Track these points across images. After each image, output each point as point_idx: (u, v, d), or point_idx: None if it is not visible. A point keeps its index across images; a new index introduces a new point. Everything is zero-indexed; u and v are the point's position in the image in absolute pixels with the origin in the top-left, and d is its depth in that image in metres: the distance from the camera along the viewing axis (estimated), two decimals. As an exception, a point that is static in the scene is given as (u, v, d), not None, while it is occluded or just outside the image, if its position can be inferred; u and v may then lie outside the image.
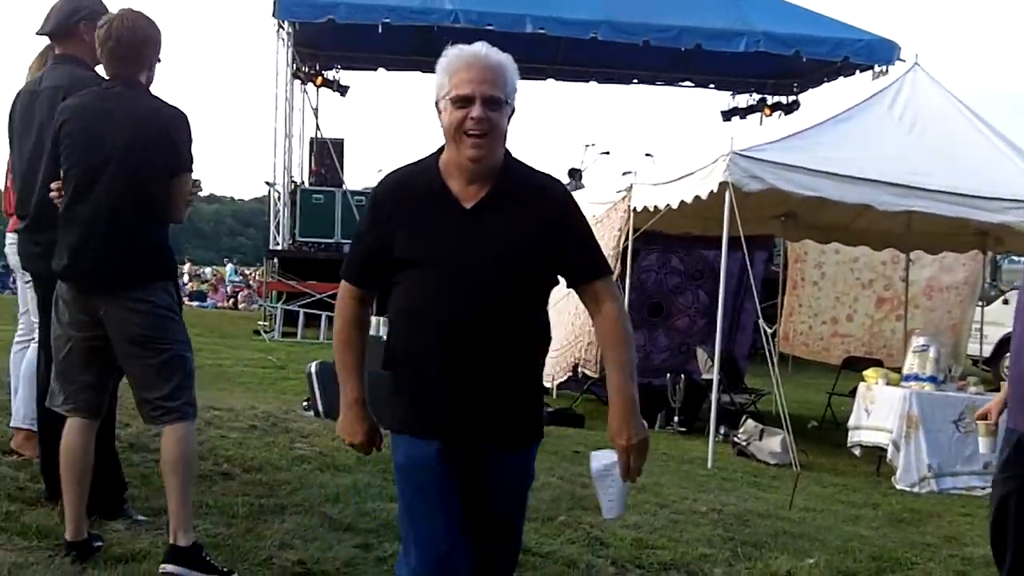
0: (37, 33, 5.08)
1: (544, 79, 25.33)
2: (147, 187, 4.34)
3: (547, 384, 12.45)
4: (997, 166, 10.09)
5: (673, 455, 9.47)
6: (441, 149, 3.15)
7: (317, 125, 23.18)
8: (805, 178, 8.99)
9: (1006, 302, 19.89)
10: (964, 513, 8.06)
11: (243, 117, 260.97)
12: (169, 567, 4.24)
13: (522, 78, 3.19)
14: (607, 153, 20.82)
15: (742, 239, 9.33)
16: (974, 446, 8.99)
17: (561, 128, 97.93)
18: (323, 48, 23.50)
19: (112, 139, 4.30)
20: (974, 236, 12.32)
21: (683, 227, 12.45)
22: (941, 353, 9.64)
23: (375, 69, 25.88)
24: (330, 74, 24.72)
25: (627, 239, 11.24)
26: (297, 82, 22.76)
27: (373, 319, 9.57)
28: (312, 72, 23.85)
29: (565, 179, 20.68)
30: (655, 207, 10.59)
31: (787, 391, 9.30)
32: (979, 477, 9.13)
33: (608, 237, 11.45)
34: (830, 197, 9.10)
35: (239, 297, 33.40)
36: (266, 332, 20.07)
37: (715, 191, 9.16)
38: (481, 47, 3.12)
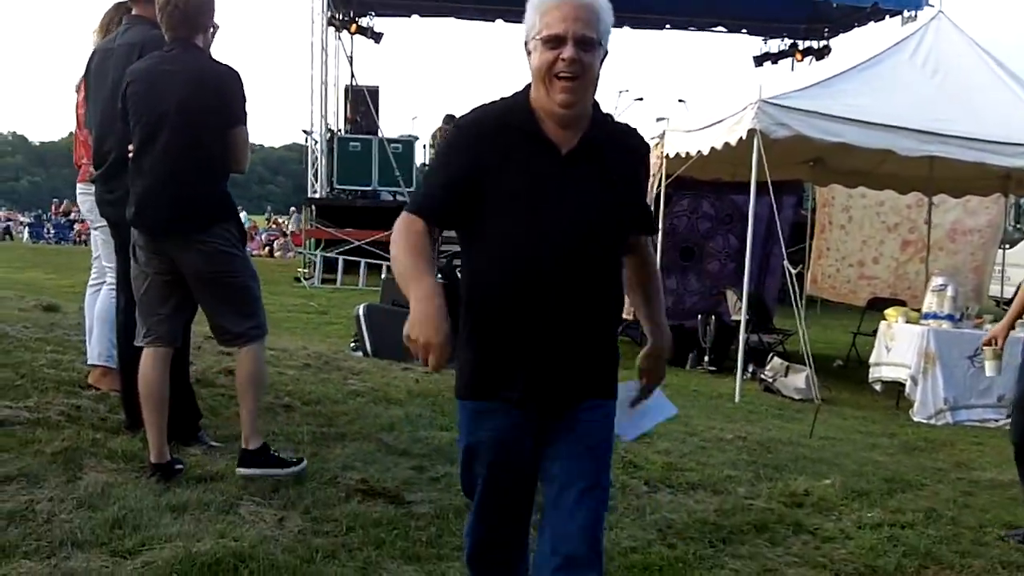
0: None
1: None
2: (203, 140, 4.83)
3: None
4: (1017, 112, 10.42)
5: (703, 391, 9.98)
6: (527, 88, 3.01)
7: (352, 73, 23.56)
8: (830, 124, 9.35)
9: (1030, 244, 20.24)
10: (976, 442, 8.52)
11: (272, 65, 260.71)
12: (244, 470, 4.86)
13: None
14: (640, 99, 21.17)
15: (769, 185, 9.71)
16: (988, 380, 9.49)
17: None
18: (357, -7, 23.90)
19: (170, 98, 4.79)
20: (997, 180, 12.62)
21: (714, 173, 12.85)
22: (959, 292, 10.06)
23: (409, 15, 26.19)
24: (364, 21, 25.04)
25: (660, 185, 11.65)
26: (331, 29, 23.11)
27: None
28: (347, 19, 24.16)
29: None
30: (687, 153, 10.98)
31: (815, 332, 9.75)
32: (993, 410, 9.61)
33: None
34: (854, 143, 9.47)
35: (275, 245, 34.01)
36: (306, 279, 20.60)
37: (744, 138, 9.55)
38: None
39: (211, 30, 5.06)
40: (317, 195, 22.33)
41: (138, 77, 4.93)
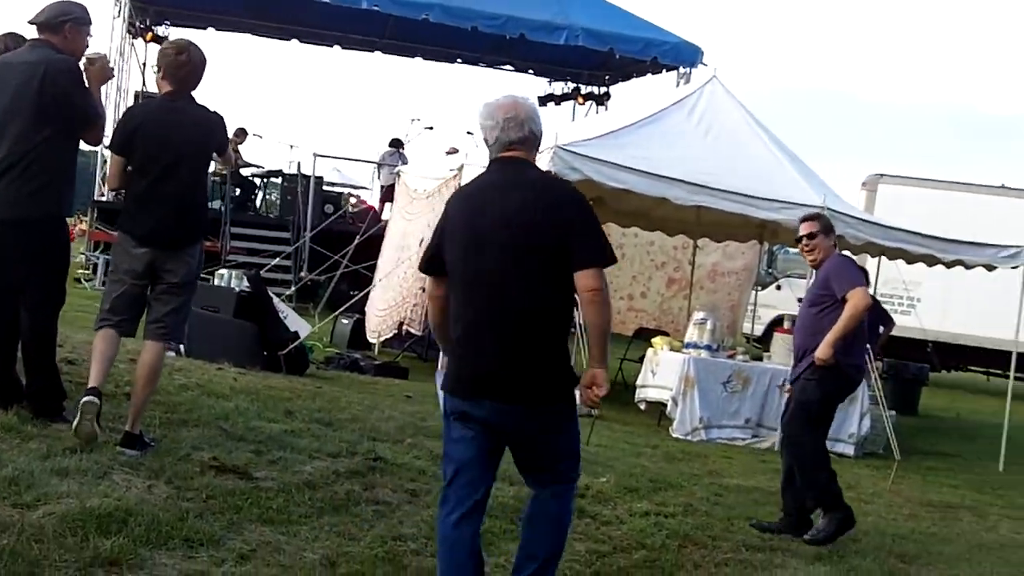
0: (29, 22, 6.10)
1: (372, 51, 26.33)
2: (204, 172, 6.38)
3: (372, 340, 13.76)
4: (775, 171, 11.91)
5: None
6: None
7: (143, 81, 23.59)
8: (616, 172, 10.47)
9: (779, 288, 22.29)
10: (726, 456, 9.82)
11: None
12: (128, 451, 5.59)
13: (351, 49, 4.25)
14: (431, 128, 22.11)
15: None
16: (738, 404, 10.88)
17: (387, 101, 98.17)
18: (154, 2, 23.94)
19: (187, 141, 5.98)
20: (754, 228, 14.17)
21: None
22: (717, 326, 11.43)
23: (204, 28, 26.31)
24: (160, 30, 25.07)
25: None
26: (129, 36, 23.15)
27: (226, 272, 10.70)
28: (143, 27, 24.20)
29: (387, 148, 21.92)
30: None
31: (586, 356, 10.79)
32: (740, 429, 10.99)
33: (437, 211, 12.58)
34: (635, 189, 10.64)
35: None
36: (87, 280, 20.51)
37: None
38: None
39: None
40: (104, 198, 22.22)
41: (150, 119, 6.04)
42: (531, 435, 4.27)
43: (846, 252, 7.14)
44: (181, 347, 10.12)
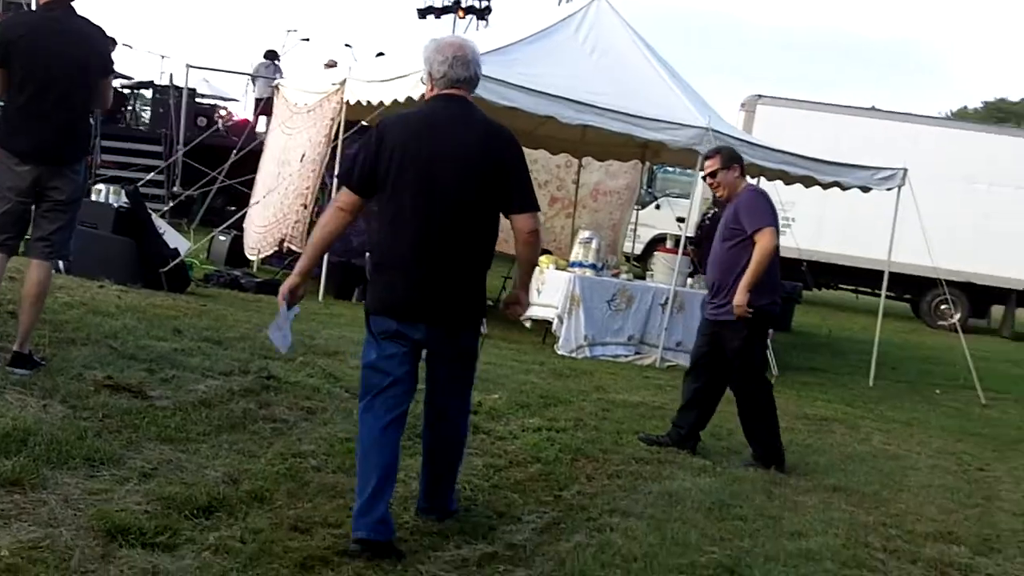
0: None
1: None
2: (89, 89, 5.97)
3: (252, 257, 13.57)
4: (660, 92, 12.05)
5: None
6: None
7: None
8: (506, 90, 10.41)
9: (658, 207, 22.66)
10: (611, 373, 10.03)
11: None
12: (17, 370, 5.49)
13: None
14: (307, 40, 21.66)
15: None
16: (621, 321, 11.08)
17: (262, 11, 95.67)
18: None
19: (67, 55, 5.78)
20: (637, 148, 14.34)
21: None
22: (602, 245, 11.57)
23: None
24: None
25: (339, 130, 12.42)
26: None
27: (103, 186, 10.43)
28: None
29: (262, 60, 21.42)
30: (368, 102, 11.81)
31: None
32: (623, 347, 11.21)
33: (320, 126, 12.61)
34: (523, 108, 10.62)
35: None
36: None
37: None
38: None
39: None
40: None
41: (26, 32, 5.78)
42: (451, 356, 4.56)
43: (758, 184, 7.20)
44: (61, 264, 9.93)
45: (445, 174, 4.36)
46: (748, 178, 7.23)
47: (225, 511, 4.25)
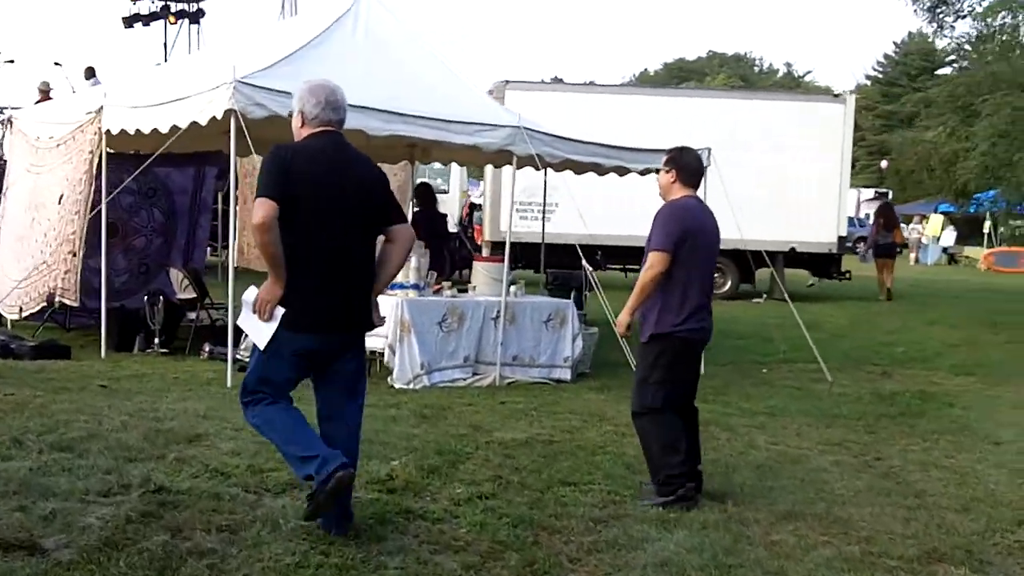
0: None
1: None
2: None
3: (11, 316, 11.81)
4: (450, 89, 11.23)
5: (183, 378, 9.54)
6: None
7: None
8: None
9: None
10: (465, 403, 9.13)
11: None
12: None
13: None
14: (12, 62, 19.55)
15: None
16: (455, 342, 10.25)
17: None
18: None
19: None
20: (404, 148, 13.41)
21: (132, 146, 12.26)
22: (422, 263, 10.61)
23: None
24: None
25: (101, 162, 10.92)
26: None
27: None
28: None
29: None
30: (137, 131, 10.39)
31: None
32: (460, 369, 10.38)
33: (77, 162, 11.05)
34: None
35: None
36: None
37: (219, 117, 9.28)
38: None
39: None
40: None
41: None
42: (354, 357, 5.18)
43: (684, 199, 6.39)
44: None
45: (351, 202, 4.98)
46: (687, 189, 6.44)
47: None
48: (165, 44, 24.61)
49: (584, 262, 11.09)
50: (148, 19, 25.17)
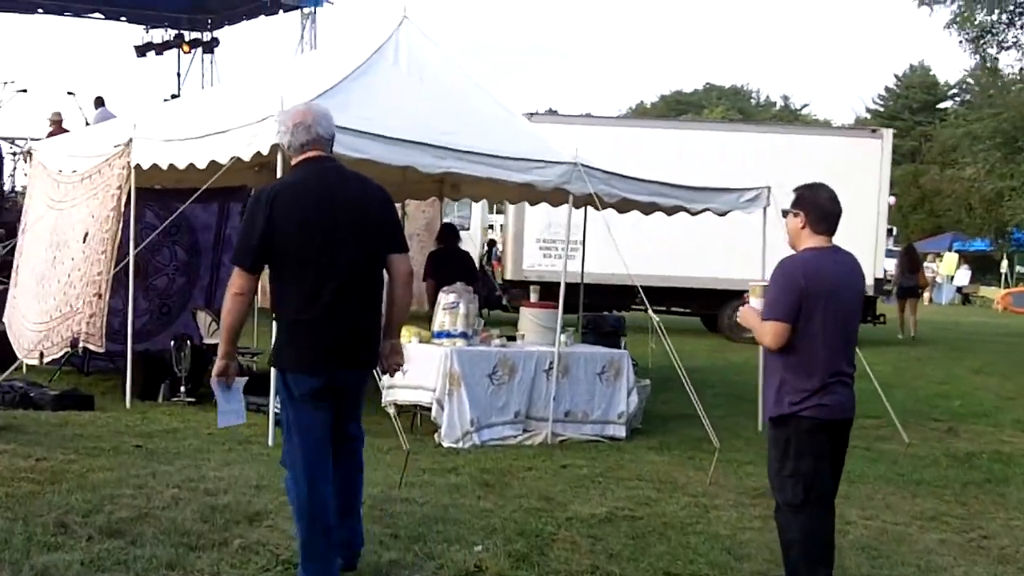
0: None
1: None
2: None
3: (30, 361, 11.05)
4: (500, 122, 10.59)
5: (219, 436, 8.76)
6: None
7: None
8: (356, 140, 8.62)
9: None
10: (525, 467, 8.40)
11: None
12: None
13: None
14: (25, 91, 18.89)
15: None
16: (506, 396, 9.56)
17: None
18: None
19: None
20: (432, 184, 12.73)
21: (155, 180, 11.59)
22: (470, 309, 9.87)
23: None
24: None
25: (131, 198, 10.25)
26: None
27: None
28: None
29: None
30: (170, 165, 9.73)
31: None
32: (511, 426, 9.68)
33: (104, 198, 10.37)
34: (380, 160, 8.83)
35: None
36: None
37: (264, 152, 8.62)
38: None
39: None
40: None
41: None
42: (359, 391, 5.09)
43: (805, 251, 5.59)
44: None
45: (346, 236, 4.76)
46: (819, 237, 5.67)
47: None
48: (179, 74, 24.11)
49: (647, 306, 10.27)
50: (161, 48, 24.58)
